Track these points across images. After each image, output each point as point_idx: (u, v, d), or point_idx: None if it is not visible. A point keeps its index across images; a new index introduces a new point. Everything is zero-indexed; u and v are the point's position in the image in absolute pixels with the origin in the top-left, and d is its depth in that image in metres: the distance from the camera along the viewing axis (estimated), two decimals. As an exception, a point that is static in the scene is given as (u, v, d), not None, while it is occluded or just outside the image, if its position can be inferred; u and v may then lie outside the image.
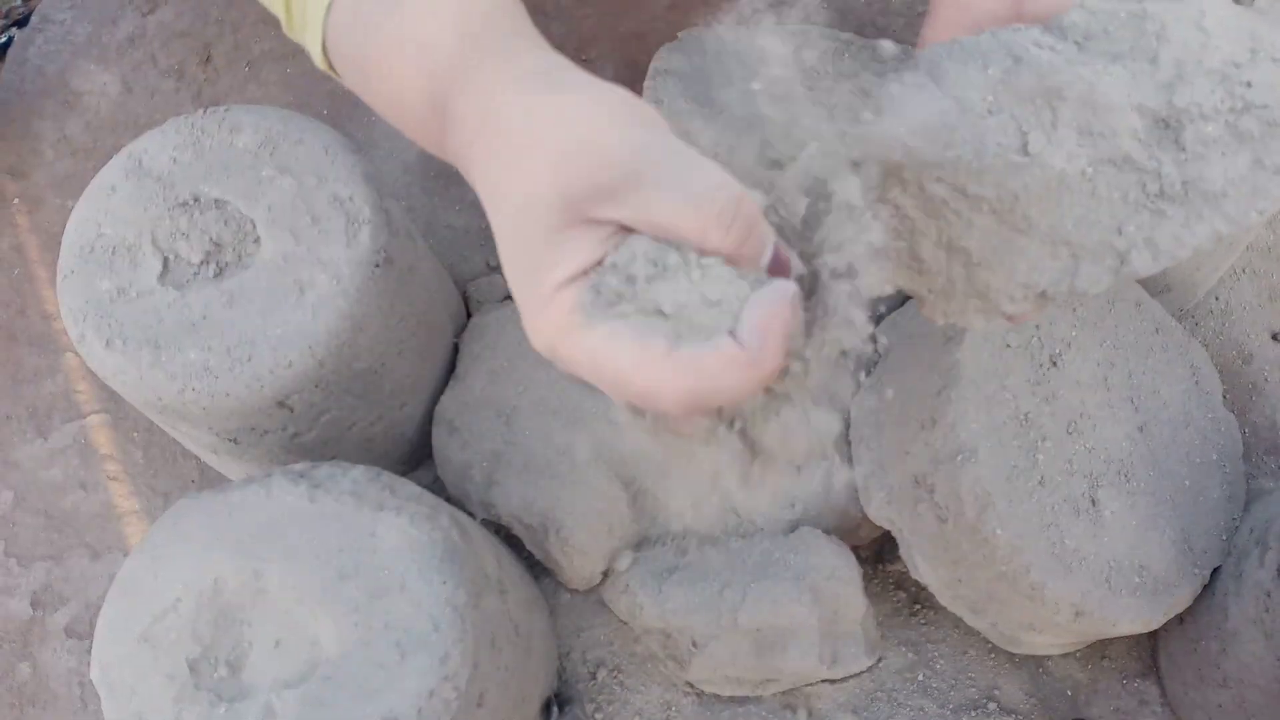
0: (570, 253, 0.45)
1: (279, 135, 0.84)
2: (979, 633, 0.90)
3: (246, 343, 0.79)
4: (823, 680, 0.92)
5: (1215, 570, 0.83)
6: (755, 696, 0.94)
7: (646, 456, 0.89)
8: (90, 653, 0.77)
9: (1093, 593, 0.77)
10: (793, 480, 0.90)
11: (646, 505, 0.91)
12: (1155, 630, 0.84)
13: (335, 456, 0.89)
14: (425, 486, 0.81)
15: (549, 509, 0.89)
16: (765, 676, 0.90)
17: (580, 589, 0.95)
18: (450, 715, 0.70)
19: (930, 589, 0.86)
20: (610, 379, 0.44)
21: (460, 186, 1.14)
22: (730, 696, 0.93)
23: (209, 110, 0.86)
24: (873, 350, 0.48)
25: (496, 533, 0.93)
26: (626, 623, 0.93)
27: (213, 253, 0.82)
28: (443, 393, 0.97)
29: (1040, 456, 0.78)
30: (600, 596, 0.94)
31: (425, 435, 0.97)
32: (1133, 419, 0.83)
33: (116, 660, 0.71)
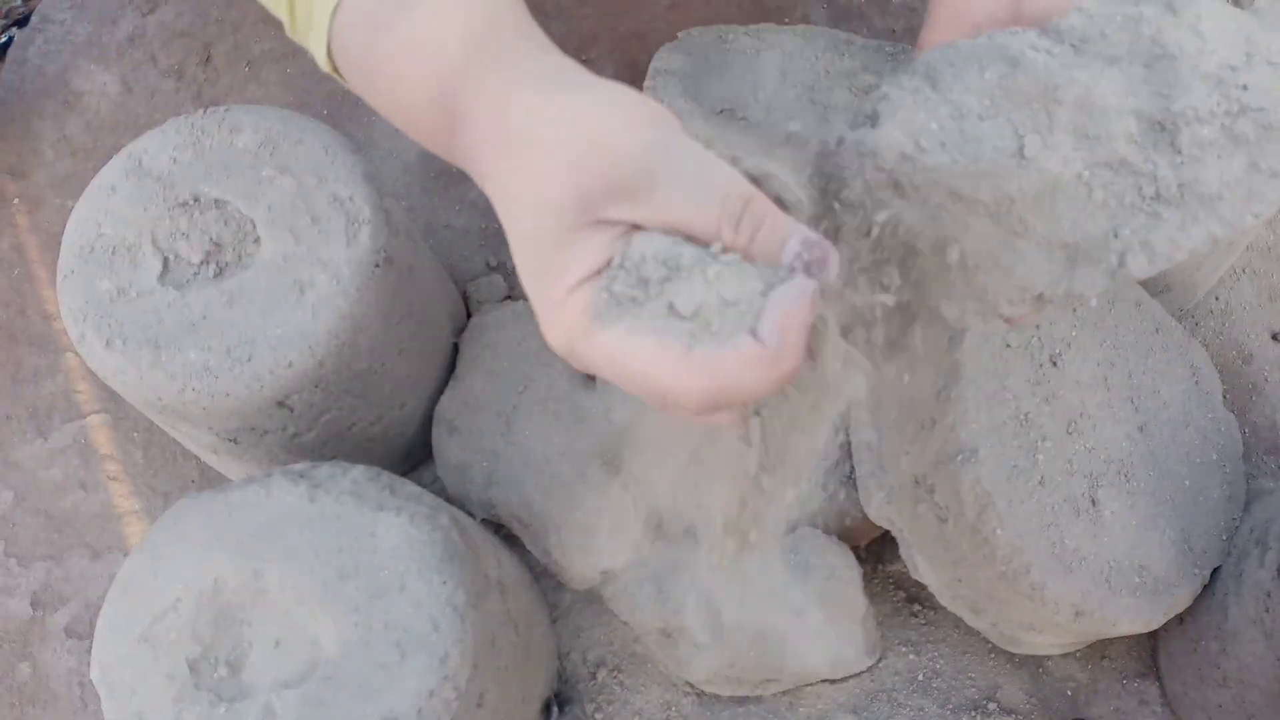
0: (584, 253, 0.45)
1: (279, 135, 0.84)
2: (979, 633, 0.90)
3: (246, 343, 0.79)
4: (823, 680, 0.92)
5: (1215, 570, 0.83)
6: (755, 696, 0.94)
7: (646, 455, 0.89)
8: (90, 653, 0.77)
9: (1093, 593, 0.77)
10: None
11: (646, 505, 0.91)
12: (1155, 630, 0.84)
13: (335, 456, 0.89)
14: (425, 486, 0.81)
15: (549, 509, 0.89)
16: (765, 676, 0.90)
17: (580, 589, 0.95)
18: (450, 715, 0.70)
19: (930, 589, 0.86)
20: (629, 379, 0.45)
21: (460, 186, 1.14)
22: (730, 696, 0.93)
23: (209, 110, 0.86)
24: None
25: (496, 533, 0.93)
26: (626, 623, 0.93)
27: (213, 253, 0.82)
28: (443, 393, 0.97)
29: (1040, 456, 0.78)
30: (600, 596, 0.94)
31: (425, 435, 0.97)
32: (1133, 419, 0.83)
33: (116, 660, 0.71)
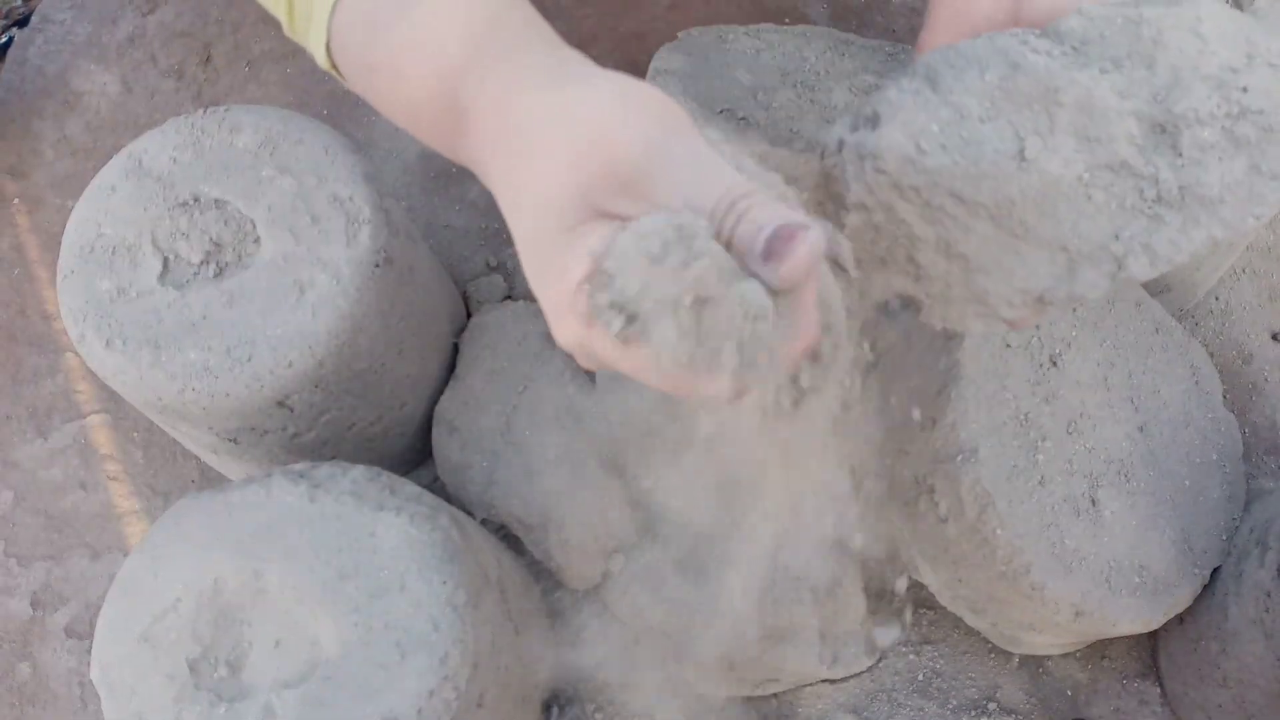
0: (586, 250, 0.45)
1: (279, 135, 0.84)
2: (979, 633, 0.90)
3: (246, 343, 0.79)
4: (823, 680, 0.92)
5: (1215, 570, 0.83)
6: (755, 696, 0.94)
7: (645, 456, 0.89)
8: (90, 653, 0.77)
9: (1093, 593, 0.77)
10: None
11: (646, 504, 0.91)
12: (1155, 630, 0.84)
13: (335, 456, 0.89)
14: (425, 486, 0.81)
15: (549, 509, 0.89)
16: (765, 676, 0.90)
17: (580, 589, 0.94)
18: (450, 715, 0.70)
19: (930, 589, 0.86)
20: (645, 373, 0.45)
21: (460, 186, 1.14)
22: (730, 696, 0.93)
23: (209, 110, 0.86)
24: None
25: (496, 533, 0.93)
26: (626, 623, 0.93)
27: (213, 253, 0.82)
28: (443, 393, 0.97)
29: (1040, 456, 0.78)
30: (600, 596, 0.94)
31: (425, 435, 0.97)
32: (1133, 419, 0.83)
33: (116, 660, 0.71)
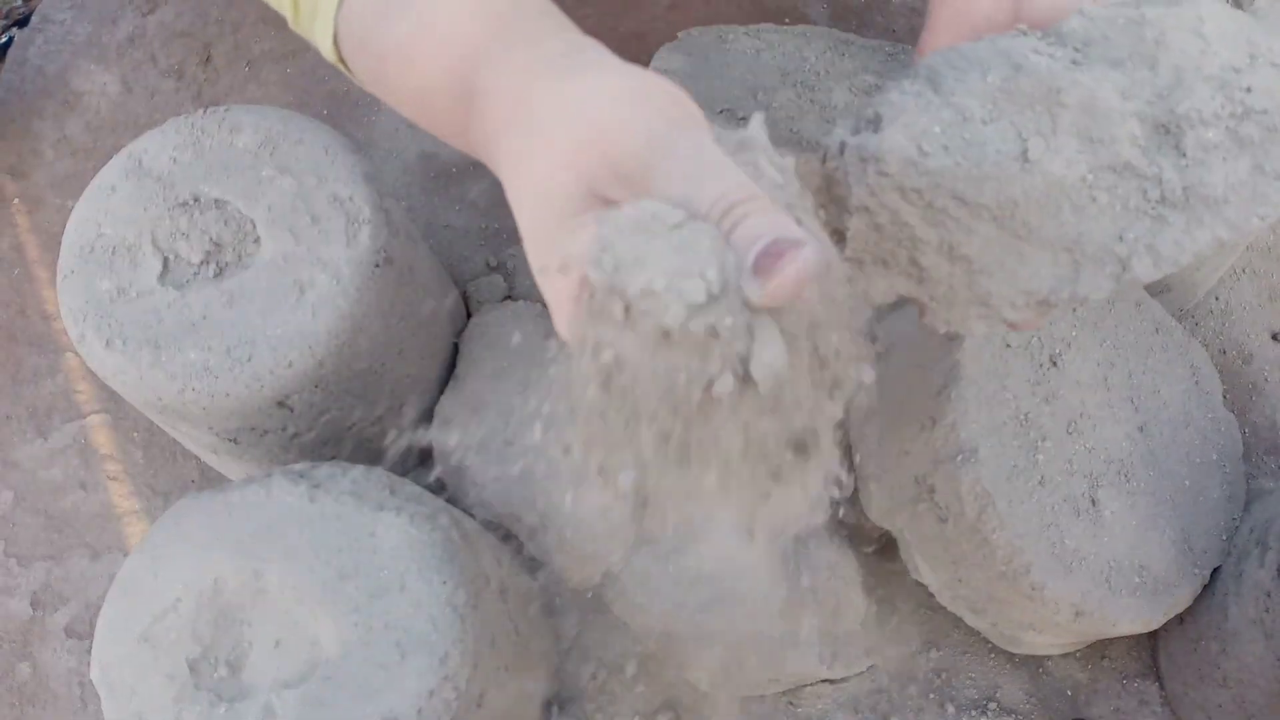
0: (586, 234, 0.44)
1: (279, 135, 0.84)
2: (979, 633, 0.90)
3: (246, 343, 0.79)
4: (823, 680, 0.92)
5: (1215, 570, 0.83)
6: (755, 696, 0.93)
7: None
8: (90, 653, 0.77)
9: (1093, 593, 0.77)
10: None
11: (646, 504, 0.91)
12: (1155, 630, 0.84)
13: (335, 456, 0.89)
14: (425, 486, 0.81)
15: (549, 509, 0.89)
16: (765, 676, 0.90)
17: (580, 589, 0.94)
18: (450, 715, 0.70)
19: (930, 589, 0.86)
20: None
21: (460, 186, 1.14)
22: (730, 696, 0.93)
23: (209, 110, 0.86)
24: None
25: (496, 533, 0.93)
26: (626, 623, 0.93)
27: (213, 253, 0.82)
28: (443, 393, 0.97)
29: (1040, 456, 0.78)
30: (601, 597, 0.94)
31: (425, 435, 0.97)
32: (1133, 419, 0.83)
33: (116, 660, 0.71)
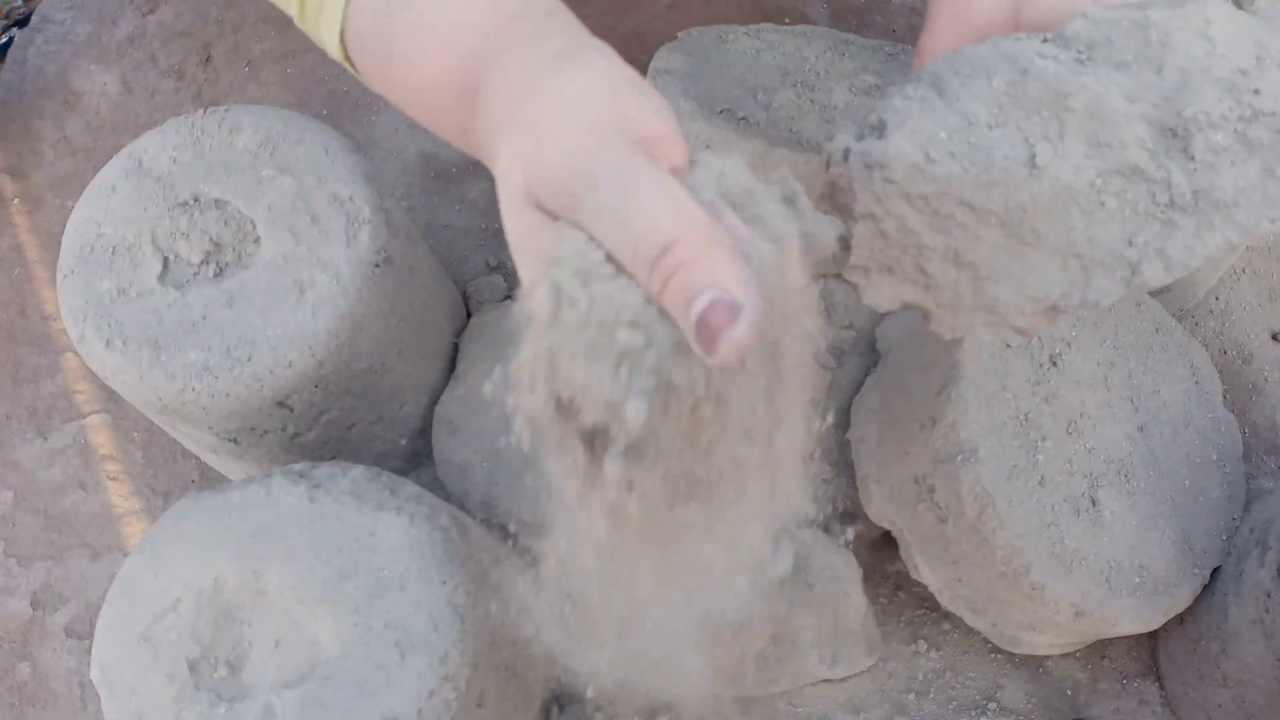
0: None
1: (279, 135, 0.84)
2: (979, 633, 0.90)
3: (246, 343, 0.79)
4: (823, 680, 0.92)
5: (1215, 570, 0.83)
6: (755, 696, 0.93)
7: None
8: (90, 653, 0.77)
9: (1093, 593, 0.77)
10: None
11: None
12: (1155, 630, 0.84)
13: (335, 456, 0.89)
14: (425, 486, 0.81)
15: (549, 509, 0.89)
16: (765, 676, 0.90)
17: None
18: (450, 715, 0.70)
19: (930, 589, 0.86)
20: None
21: (460, 186, 1.14)
22: (730, 696, 0.93)
23: (209, 110, 0.86)
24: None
25: (496, 533, 0.93)
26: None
27: (213, 253, 0.82)
28: (443, 393, 0.97)
29: (1040, 456, 0.78)
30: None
31: (425, 435, 0.97)
32: (1133, 419, 0.83)
33: (116, 660, 0.71)
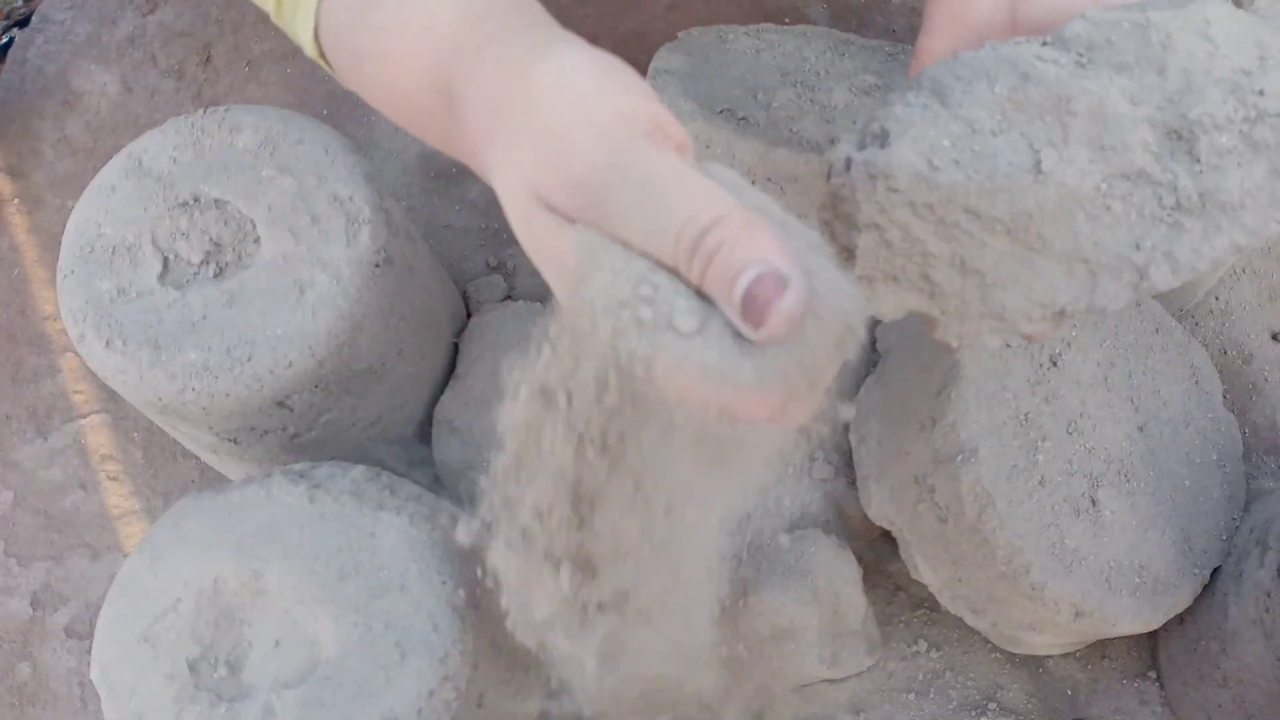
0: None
1: (279, 135, 0.84)
2: (979, 633, 0.90)
3: (246, 343, 0.79)
4: (823, 680, 0.92)
5: (1215, 570, 0.83)
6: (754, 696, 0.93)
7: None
8: (90, 653, 0.77)
9: (1093, 593, 0.77)
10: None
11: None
12: (1155, 630, 0.84)
13: (335, 456, 0.89)
14: (425, 486, 0.81)
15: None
16: (765, 676, 0.90)
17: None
18: (450, 715, 0.70)
19: (930, 589, 0.86)
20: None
21: (460, 186, 1.14)
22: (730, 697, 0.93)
23: (209, 110, 0.86)
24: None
25: (496, 533, 0.93)
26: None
27: (213, 253, 0.82)
28: (443, 393, 0.97)
29: (1040, 456, 0.78)
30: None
31: (425, 435, 0.97)
32: (1133, 419, 0.83)
33: (116, 660, 0.71)
